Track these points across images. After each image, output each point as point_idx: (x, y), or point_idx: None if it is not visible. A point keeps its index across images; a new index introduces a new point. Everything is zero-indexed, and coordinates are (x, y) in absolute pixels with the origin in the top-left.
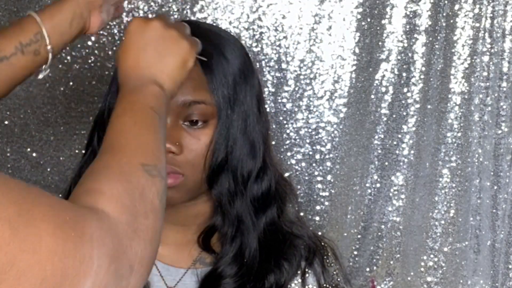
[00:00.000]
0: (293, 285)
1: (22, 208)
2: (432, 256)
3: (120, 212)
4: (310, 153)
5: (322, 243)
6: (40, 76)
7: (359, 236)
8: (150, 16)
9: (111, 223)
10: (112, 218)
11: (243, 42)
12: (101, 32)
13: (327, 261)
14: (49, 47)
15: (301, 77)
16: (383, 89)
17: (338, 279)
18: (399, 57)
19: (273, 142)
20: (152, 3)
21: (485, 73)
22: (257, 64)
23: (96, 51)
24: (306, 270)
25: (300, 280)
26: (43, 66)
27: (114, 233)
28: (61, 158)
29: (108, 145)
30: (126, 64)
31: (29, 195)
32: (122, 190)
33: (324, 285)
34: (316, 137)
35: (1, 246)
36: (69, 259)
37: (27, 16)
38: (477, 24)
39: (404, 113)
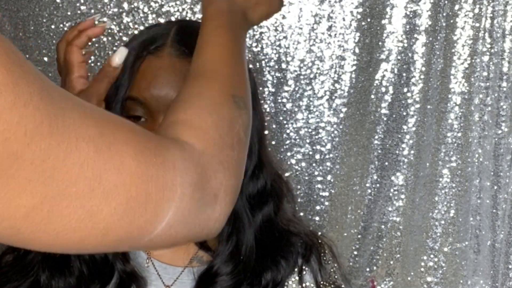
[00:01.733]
0: (290, 282)
1: (104, 130)
2: (432, 256)
3: (206, 145)
4: (310, 153)
5: (319, 241)
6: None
7: (359, 236)
8: (150, 15)
9: (195, 154)
10: (197, 150)
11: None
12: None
13: (324, 258)
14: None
15: (301, 77)
16: (383, 89)
17: (335, 277)
18: (399, 57)
19: (273, 142)
20: (152, 3)
21: (485, 73)
22: (257, 64)
23: (96, 51)
24: (303, 267)
25: (297, 278)
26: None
27: (197, 164)
28: None
29: (201, 70)
30: None
31: (111, 119)
32: (211, 123)
33: (321, 282)
34: (316, 137)
35: (88, 162)
36: (152, 183)
37: None
38: (477, 24)
39: (404, 113)
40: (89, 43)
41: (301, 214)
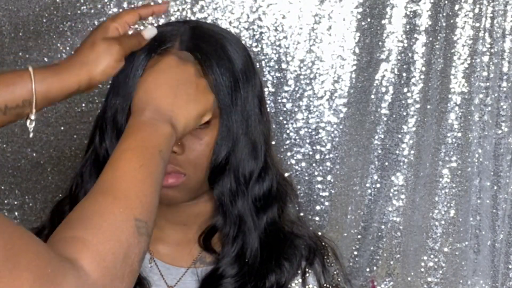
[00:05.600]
0: (293, 284)
1: (10, 254)
2: (432, 256)
3: (100, 274)
4: (310, 153)
5: (323, 243)
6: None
7: (359, 236)
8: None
9: (89, 283)
10: (91, 279)
11: (243, 42)
12: None
13: (328, 261)
14: (33, 116)
15: (301, 77)
16: (383, 89)
17: (339, 279)
18: (399, 57)
19: (273, 142)
20: (152, 3)
21: (485, 73)
22: (257, 64)
23: None
24: (307, 270)
25: (300, 280)
26: (30, 127)
27: None
28: (61, 158)
29: (106, 185)
30: (151, 93)
31: (19, 241)
32: (109, 249)
33: (325, 285)
34: (316, 137)
35: None
36: None
37: (25, 72)
38: (477, 24)
39: (404, 113)
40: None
41: (301, 214)
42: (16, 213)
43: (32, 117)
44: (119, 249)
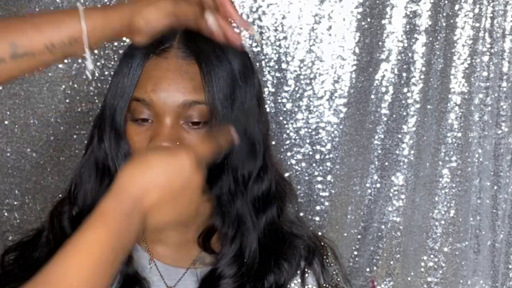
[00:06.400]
0: (292, 285)
1: None
2: (432, 256)
3: None
4: (310, 153)
5: (322, 243)
6: (89, 75)
7: (359, 236)
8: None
9: None
10: None
11: (243, 42)
12: None
13: (327, 261)
14: (86, 55)
15: (301, 77)
16: (383, 89)
17: (338, 279)
18: (399, 57)
19: (273, 142)
20: None
21: (485, 73)
22: (257, 64)
23: (96, 51)
24: (306, 270)
25: (299, 280)
26: (88, 65)
27: None
28: (61, 158)
29: (54, 279)
30: (146, 183)
31: None
32: None
33: (324, 285)
34: (316, 137)
35: None
36: None
37: (73, 10)
38: (477, 24)
39: (404, 113)
40: None
41: (301, 214)
42: (16, 213)
43: (86, 55)
44: None
